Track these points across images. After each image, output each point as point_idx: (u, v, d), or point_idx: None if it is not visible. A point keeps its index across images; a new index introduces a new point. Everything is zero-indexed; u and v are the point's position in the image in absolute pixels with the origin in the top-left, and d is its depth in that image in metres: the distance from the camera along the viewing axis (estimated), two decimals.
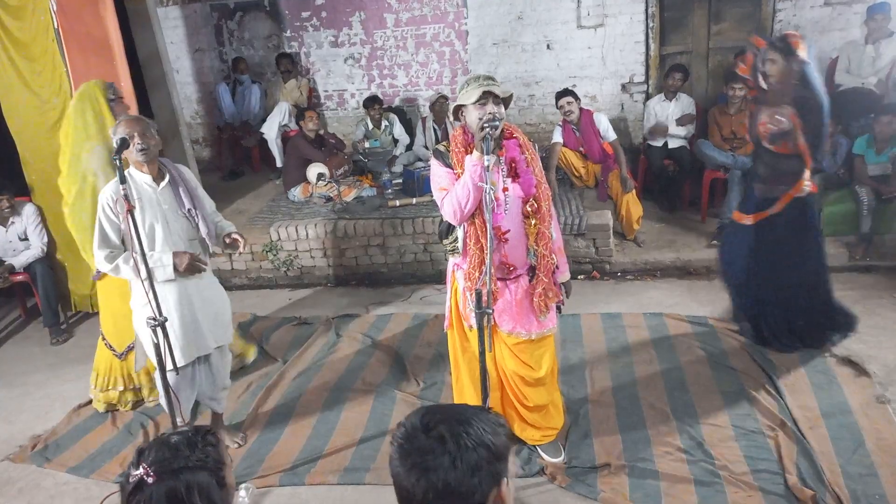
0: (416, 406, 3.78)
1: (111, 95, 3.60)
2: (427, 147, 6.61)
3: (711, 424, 3.38)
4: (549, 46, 6.91)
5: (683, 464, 3.14)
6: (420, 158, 6.64)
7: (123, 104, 3.68)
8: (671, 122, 5.99)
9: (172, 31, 7.66)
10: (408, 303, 5.19)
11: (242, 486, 3.20)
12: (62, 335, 5.11)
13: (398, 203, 5.79)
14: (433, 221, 5.32)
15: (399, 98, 7.50)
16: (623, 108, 6.98)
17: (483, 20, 6.97)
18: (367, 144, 6.74)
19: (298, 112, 6.69)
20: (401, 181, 6.26)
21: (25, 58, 4.60)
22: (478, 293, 2.52)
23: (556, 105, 5.78)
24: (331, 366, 4.32)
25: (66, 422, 3.99)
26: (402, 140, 6.90)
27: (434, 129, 6.67)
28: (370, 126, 6.78)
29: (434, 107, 6.62)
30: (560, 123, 5.82)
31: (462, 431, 1.25)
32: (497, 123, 2.65)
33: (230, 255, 5.77)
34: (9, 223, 5.10)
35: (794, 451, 3.12)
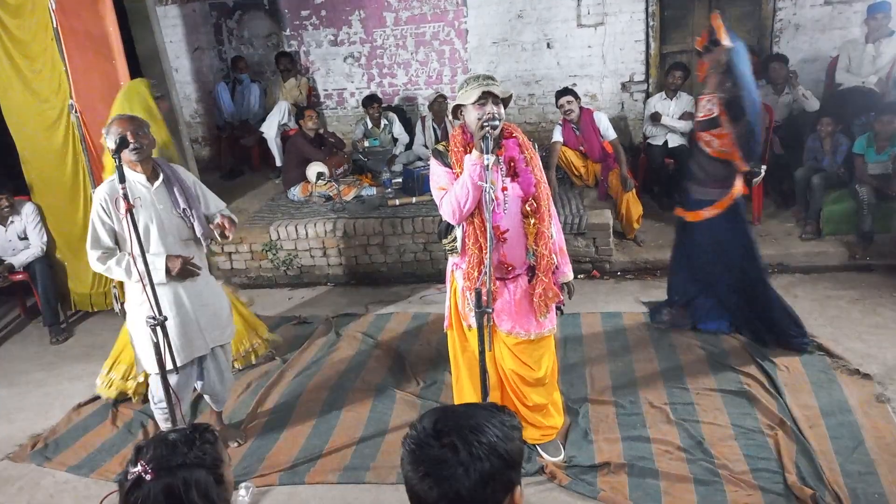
0: (416, 405, 3.79)
1: (156, 94, 3.71)
2: (427, 146, 6.61)
3: (711, 423, 3.38)
4: (549, 45, 6.91)
5: (683, 463, 3.14)
6: (420, 158, 6.64)
7: (165, 103, 3.76)
8: (672, 120, 5.99)
9: (172, 30, 7.65)
10: (407, 302, 5.19)
11: (242, 485, 3.20)
12: (62, 334, 5.11)
13: (398, 202, 5.79)
14: (433, 220, 5.32)
15: (399, 97, 7.50)
16: (623, 107, 6.97)
17: (483, 19, 6.97)
18: (367, 143, 6.74)
19: (298, 111, 6.70)
20: (400, 180, 6.26)
21: (25, 56, 4.60)
22: (477, 292, 2.52)
23: (556, 104, 5.77)
24: (330, 365, 4.32)
25: (66, 421, 3.99)
26: (402, 139, 6.90)
27: (434, 129, 6.67)
28: (369, 125, 6.78)
29: (433, 106, 6.62)
30: (560, 122, 5.81)
31: (475, 440, 1.22)
32: (496, 123, 2.65)
33: (230, 255, 5.76)
34: (8, 222, 5.09)
35: (794, 450, 3.12)
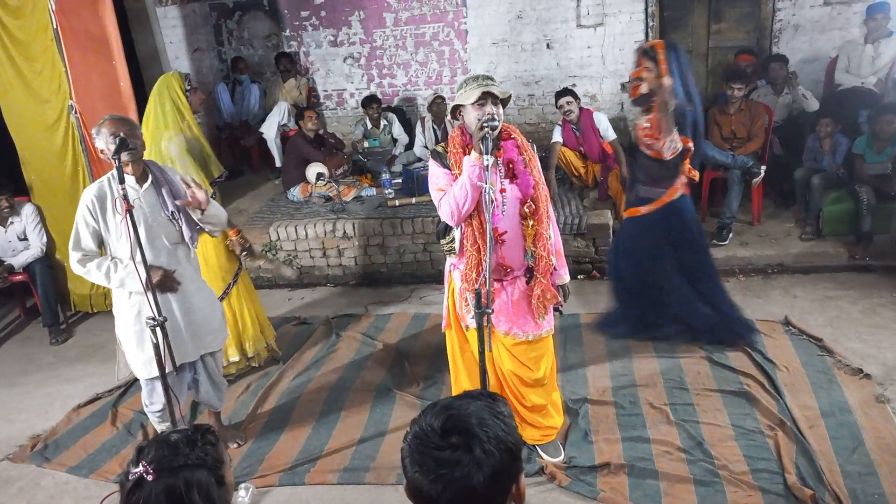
0: (416, 406, 3.78)
1: (187, 86, 3.70)
2: (427, 147, 6.60)
3: (711, 424, 3.38)
4: (549, 46, 6.91)
5: (683, 463, 3.14)
6: (420, 159, 6.63)
7: (199, 95, 3.77)
8: None
9: (171, 31, 7.65)
10: (407, 303, 5.19)
11: (242, 486, 3.20)
12: (61, 335, 5.11)
13: (397, 203, 5.79)
14: (433, 221, 5.32)
15: (398, 97, 7.50)
16: (623, 108, 6.97)
17: (482, 19, 6.97)
18: (367, 144, 6.74)
19: (298, 112, 6.69)
20: (400, 181, 6.25)
21: (25, 57, 4.60)
22: (477, 293, 2.52)
23: (556, 104, 5.78)
24: (330, 366, 4.31)
25: (66, 421, 3.99)
26: (402, 139, 6.90)
27: (434, 130, 6.67)
28: (369, 126, 6.78)
29: (432, 107, 6.62)
30: (560, 123, 5.82)
31: (484, 437, 1.22)
32: (496, 124, 2.64)
33: None
34: (8, 223, 5.09)
35: (794, 451, 3.12)
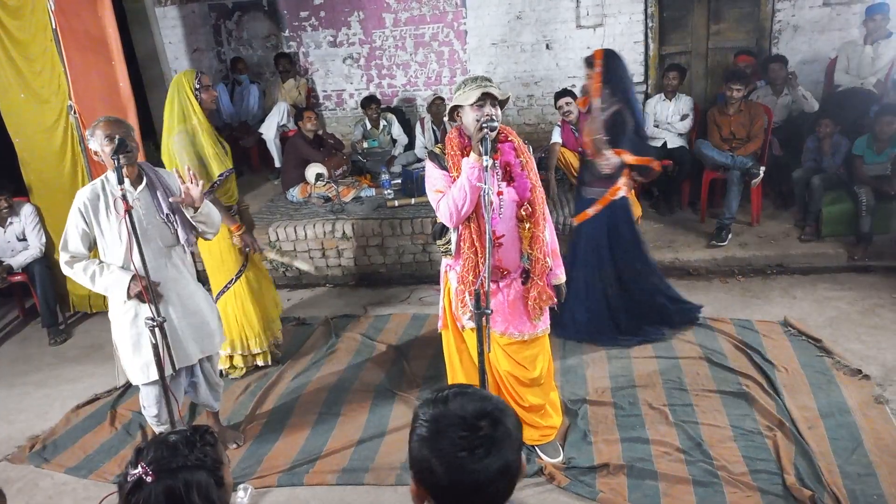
0: (415, 406, 3.77)
1: (197, 84, 3.73)
2: (428, 148, 6.60)
3: (710, 425, 3.39)
4: (549, 46, 6.91)
5: (682, 464, 3.14)
6: (420, 160, 6.63)
7: (211, 93, 3.80)
8: (672, 121, 5.99)
9: (171, 31, 7.65)
10: (406, 303, 5.19)
11: (241, 487, 3.20)
12: (60, 335, 5.11)
13: (397, 203, 5.79)
14: (432, 222, 5.32)
15: (398, 98, 7.50)
16: None
17: (482, 20, 6.97)
18: (366, 144, 6.74)
19: (297, 112, 6.69)
20: (399, 181, 6.25)
21: (24, 57, 4.60)
22: (477, 294, 2.52)
23: (555, 105, 5.78)
24: (329, 366, 4.31)
25: (65, 422, 3.98)
26: (401, 140, 6.89)
27: (433, 130, 6.67)
28: (368, 126, 6.78)
29: (431, 108, 6.62)
30: (559, 124, 5.81)
31: (509, 413, 1.30)
32: (495, 124, 2.64)
33: None
34: (7, 223, 5.09)
35: (793, 452, 3.13)
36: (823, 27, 6.29)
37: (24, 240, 5.13)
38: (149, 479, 1.50)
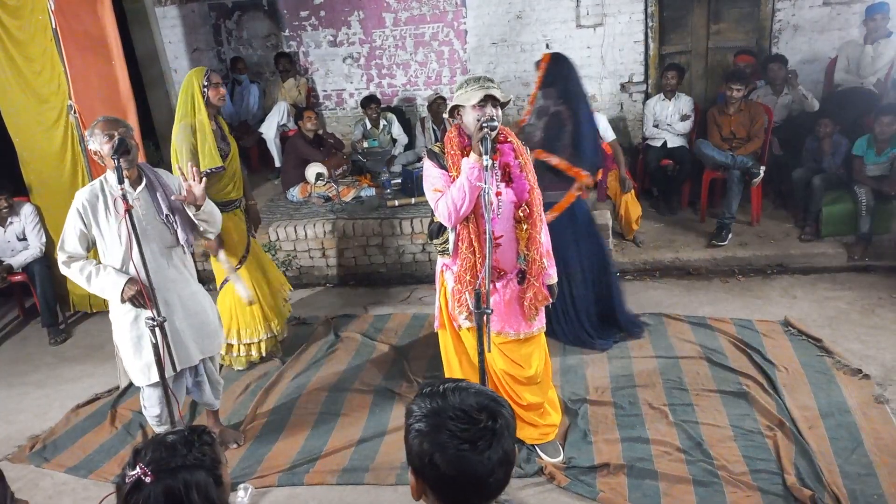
0: (408, 403, 3.77)
1: (205, 82, 3.83)
2: (427, 147, 6.60)
3: (710, 424, 3.38)
4: (549, 46, 6.90)
5: (682, 464, 3.14)
6: (421, 159, 6.61)
7: (219, 90, 3.89)
8: (672, 122, 5.99)
9: (170, 31, 7.65)
10: (406, 303, 5.19)
11: (241, 487, 3.20)
12: (60, 335, 5.10)
13: (397, 203, 5.79)
14: (430, 221, 5.31)
15: (398, 98, 7.50)
16: (622, 108, 6.98)
17: (482, 19, 6.97)
18: (366, 144, 6.74)
19: (297, 112, 6.69)
20: (399, 181, 6.25)
21: (24, 57, 4.59)
22: (477, 293, 2.52)
23: None
24: (329, 366, 4.31)
25: (65, 422, 3.98)
26: (401, 140, 6.89)
27: (434, 130, 6.66)
28: (368, 126, 6.78)
29: (431, 108, 6.62)
30: None
31: (504, 404, 1.33)
32: (495, 124, 2.65)
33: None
34: (7, 223, 5.09)
35: (793, 451, 3.13)
36: (823, 27, 6.29)
37: (25, 239, 5.13)
38: (148, 480, 1.49)
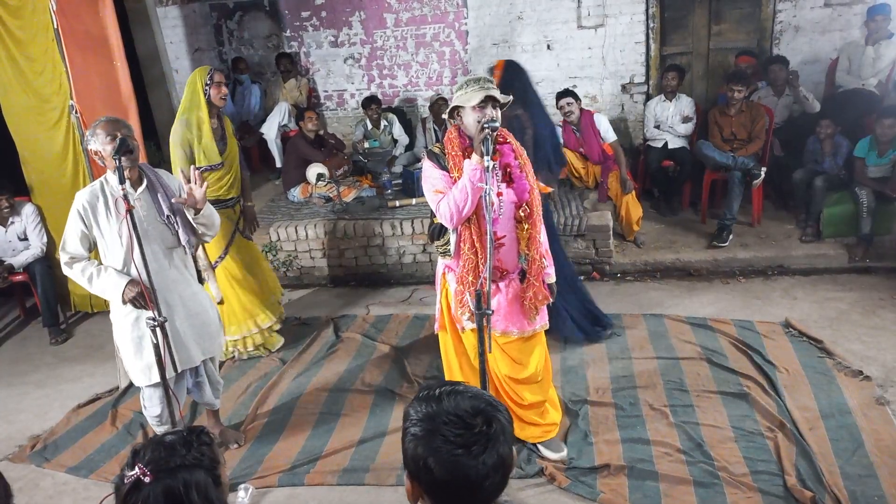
0: (406, 406, 3.77)
1: (208, 80, 3.92)
2: (427, 148, 6.60)
3: (711, 425, 3.38)
4: (550, 47, 6.91)
5: (683, 465, 3.14)
6: (420, 159, 6.61)
7: (220, 90, 3.95)
8: (673, 123, 5.99)
9: (172, 31, 7.66)
10: (407, 303, 5.19)
11: (241, 487, 3.19)
12: (61, 335, 5.11)
13: (398, 203, 5.79)
14: (430, 222, 5.31)
15: (399, 98, 7.50)
16: (623, 109, 6.97)
17: (483, 20, 6.97)
18: (367, 145, 6.74)
19: (298, 112, 6.69)
20: (400, 181, 6.25)
21: (26, 57, 4.60)
22: (478, 294, 2.52)
23: (556, 105, 5.77)
24: (330, 367, 4.31)
25: (65, 422, 3.99)
26: (402, 140, 6.89)
27: (434, 130, 6.66)
28: (369, 126, 6.78)
29: (433, 108, 6.62)
30: (560, 124, 5.80)
31: (500, 408, 1.31)
32: (496, 125, 2.65)
33: None
34: (8, 223, 5.10)
35: (794, 452, 3.12)
36: (824, 28, 6.29)
37: (26, 239, 5.14)
38: (147, 480, 1.49)
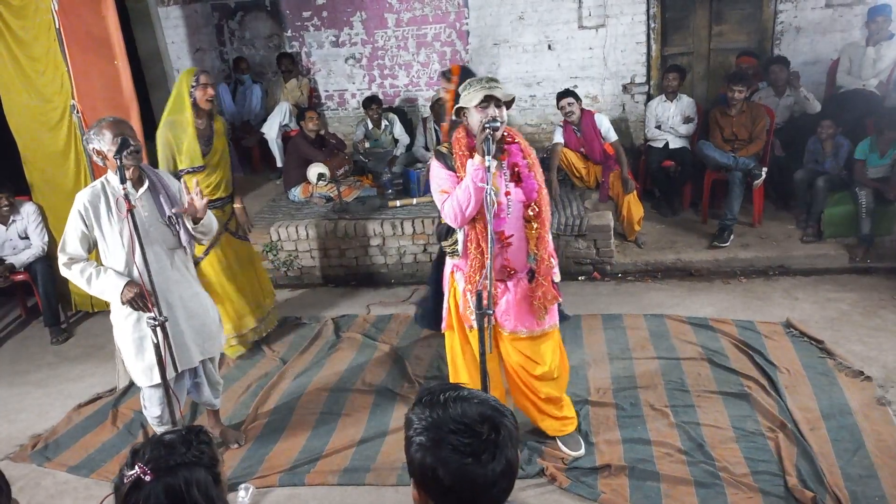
0: (407, 412, 3.77)
1: (193, 82, 3.92)
2: (427, 148, 6.59)
3: (712, 426, 3.38)
4: (551, 47, 6.91)
5: (684, 465, 3.14)
6: (418, 160, 6.62)
7: (206, 91, 3.95)
8: (674, 123, 5.99)
9: (173, 31, 7.66)
10: (408, 303, 5.19)
11: (242, 486, 3.20)
12: (62, 335, 5.11)
13: (398, 203, 5.79)
14: (433, 222, 5.32)
15: (400, 98, 7.50)
16: (624, 109, 6.97)
17: (484, 20, 6.97)
18: (368, 144, 6.74)
19: (299, 112, 6.70)
20: (401, 181, 6.25)
21: (28, 57, 4.60)
22: (478, 294, 2.53)
23: (558, 105, 5.77)
24: (331, 366, 4.31)
25: (66, 421, 3.99)
26: (403, 140, 6.89)
27: (435, 130, 6.66)
28: (370, 126, 6.78)
29: (434, 107, 6.62)
30: (561, 124, 5.81)
31: (507, 413, 1.30)
32: (497, 125, 2.66)
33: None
34: (9, 222, 5.10)
35: (795, 453, 3.12)
36: (825, 29, 6.29)
37: (27, 238, 5.14)
38: (147, 479, 1.49)
